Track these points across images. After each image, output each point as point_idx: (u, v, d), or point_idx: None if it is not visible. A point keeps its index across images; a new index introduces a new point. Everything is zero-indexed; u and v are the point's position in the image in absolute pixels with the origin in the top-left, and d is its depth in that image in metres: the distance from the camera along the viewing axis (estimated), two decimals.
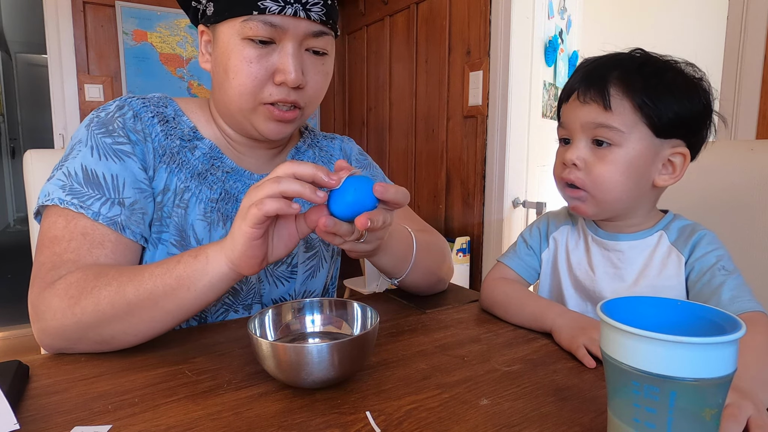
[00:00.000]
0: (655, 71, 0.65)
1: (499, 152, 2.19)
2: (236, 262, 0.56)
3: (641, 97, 0.64)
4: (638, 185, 0.68)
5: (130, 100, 0.75)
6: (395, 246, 0.71)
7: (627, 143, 0.65)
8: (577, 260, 0.77)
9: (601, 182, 0.67)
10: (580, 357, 0.60)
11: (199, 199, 0.74)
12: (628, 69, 0.65)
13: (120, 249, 0.66)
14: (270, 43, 0.67)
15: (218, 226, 0.75)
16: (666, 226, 0.72)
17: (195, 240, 0.73)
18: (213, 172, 0.76)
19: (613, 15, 2.86)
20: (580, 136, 0.68)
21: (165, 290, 0.57)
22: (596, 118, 0.66)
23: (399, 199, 0.56)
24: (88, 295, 0.58)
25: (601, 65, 0.68)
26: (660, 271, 0.70)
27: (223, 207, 0.75)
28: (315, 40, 0.69)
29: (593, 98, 0.66)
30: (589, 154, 0.68)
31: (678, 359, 0.32)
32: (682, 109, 0.64)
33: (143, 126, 0.72)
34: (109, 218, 0.65)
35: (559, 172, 0.72)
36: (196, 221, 0.73)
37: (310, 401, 0.50)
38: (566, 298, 0.78)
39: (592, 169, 0.67)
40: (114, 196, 0.67)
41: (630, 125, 0.65)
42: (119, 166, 0.68)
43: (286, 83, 0.68)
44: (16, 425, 0.43)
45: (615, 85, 0.65)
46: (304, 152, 0.88)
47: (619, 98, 0.65)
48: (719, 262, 0.66)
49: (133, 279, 0.58)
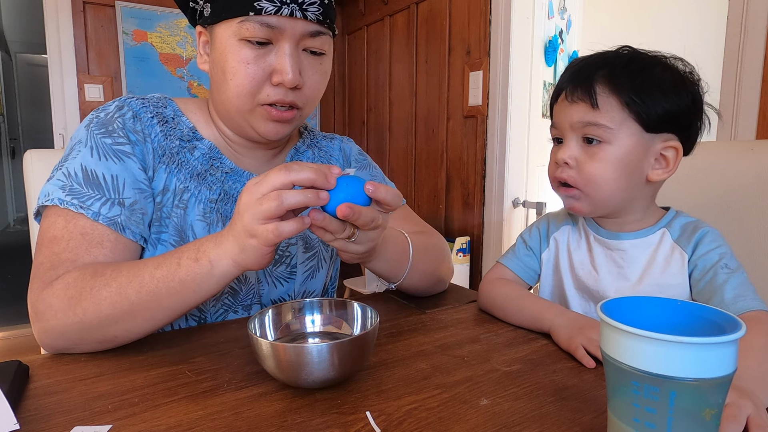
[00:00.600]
0: (641, 68, 0.65)
1: (499, 152, 2.19)
2: (246, 265, 0.57)
3: (628, 94, 0.64)
4: (631, 181, 0.68)
5: (130, 100, 0.75)
6: (390, 251, 0.70)
7: (616, 140, 0.65)
8: (579, 260, 0.77)
9: (593, 180, 0.67)
10: (579, 357, 0.60)
11: (199, 199, 0.74)
12: (614, 67, 0.66)
13: (119, 249, 0.66)
14: (267, 43, 0.67)
15: (217, 226, 0.74)
16: (668, 224, 0.72)
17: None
18: (212, 172, 0.76)
19: (613, 15, 2.86)
20: (570, 135, 0.69)
21: (169, 293, 0.58)
22: (584, 116, 0.66)
23: (389, 199, 0.56)
24: (87, 296, 0.58)
25: (588, 64, 0.68)
26: (664, 269, 0.69)
27: (222, 207, 0.75)
28: (312, 40, 0.69)
29: (580, 97, 0.66)
30: (580, 152, 0.68)
31: (678, 359, 0.32)
32: (670, 104, 0.64)
33: (143, 126, 0.72)
34: (109, 218, 0.65)
35: (553, 172, 0.72)
36: (195, 221, 0.73)
37: (310, 401, 0.50)
38: (569, 298, 0.78)
39: (584, 167, 0.67)
40: (114, 197, 0.67)
41: (618, 122, 0.65)
42: (119, 166, 0.68)
43: (283, 84, 0.68)
44: (16, 425, 0.43)
45: (601, 83, 0.65)
46: (303, 152, 0.88)
47: (606, 96, 0.65)
48: (722, 260, 0.65)
49: (133, 280, 0.58)
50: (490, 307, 0.77)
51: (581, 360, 0.59)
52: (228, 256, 0.57)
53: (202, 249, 0.58)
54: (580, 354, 0.60)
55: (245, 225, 0.54)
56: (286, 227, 0.52)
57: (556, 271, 0.81)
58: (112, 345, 0.61)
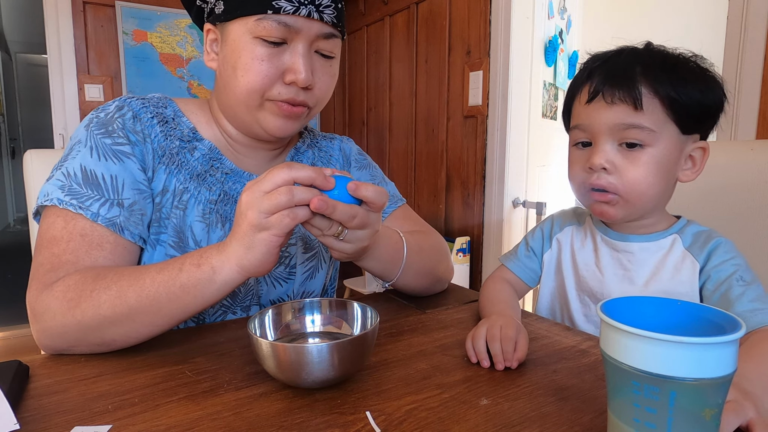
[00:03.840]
0: (674, 65, 0.63)
1: (499, 152, 2.19)
2: (251, 268, 0.56)
3: (670, 94, 0.62)
4: (667, 185, 0.66)
5: (130, 100, 0.74)
6: (383, 250, 0.69)
7: (658, 143, 0.63)
8: (584, 261, 0.76)
9: (636, 185, 0.64)
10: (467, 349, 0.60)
11: (198, 200, 0.73)
12: (649, 65, 0.63)
13: (118, 250, 0.66)
14: (281, 43, 0.67)
15: (216, 227, 0.74)
16: (681, 230, 0.70)
17: (193, 241, 0.73)
18: (212, 173, 0.76)
19: (613, 15, 2.86)
20: (606, 139, 0.65)
21: (169, 298, 0.57)
22: (625, 118, 0.63)
23: (374, 198, 0.56)
24: (87, 299, 0.57)
25: (623, 62, 0.65)
26: (673, 276, 0.68)
27: (222, 208, 0.75)
28: (325, 42, 0.70)
29: (622, 98, 0.63)
30: (619, 156, 0.65)
31: (678, 359, 0.32)
32: (706, 101, 0.63)
33: (143, 127, 0.72)
34: (108, 219, 0.65)
35: (585, 178, 0.68)
36: (194, 222, 0.73)
37: (310, 401, 0.50)
38: (569, 299, 0.77)
39: (625, 172, 0.65)
40: (113, 197, 0.66)
41: (661, 124, 0.63)
42: (118, 166, 0.68)
43: (296, 83, 0.68)
44: (16, 425, 0.43)
45: (644, 83, 0.62)
46: (304, 152, 0.88)
47: (650, 96, 0.62)
48: (737, 272, 0.63)
49: (134, 284, 0.57)
50: (479, 303, 0.77)
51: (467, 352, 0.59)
52: (232, 260, 0.56)
53: (204, 255, 0.58)
54: (467, 346, 0.60)
55: (251, 221, 0.53)
56: (300, 211, 0.53)
57: (557, 272, 0.80)
58: (110, 348, 0.60)
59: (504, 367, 0.56)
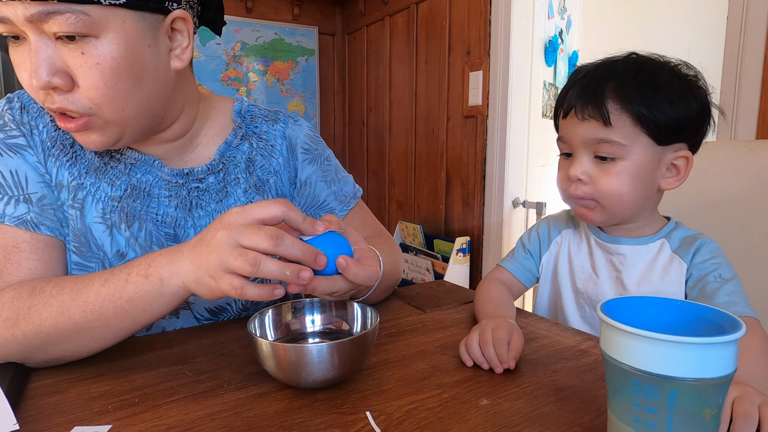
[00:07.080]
0: (650, 78, 0.65)
1: (499, 152, 2.19)
2: (195, 293, 0.52)
3: (639, 109, 0.63)
4: (645, 192, 0.68)
5: (22, 92, 0.67)
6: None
7: (630, 155, 0.65)
8: (580, 264, 0.78)
9: (609, 194, 0.67)
10: (460, 353, 0.59)
11: (96, 197, 0.66)
12: (623, 79, 0.65)
13: (40, 248, 0.61)
14: (19, 37, 0.55)
15: (120, 227, 0.66)
16: (668, 234, 0.72)
17: (95, 246, 0.65)
18: (113, 165, 0.67)
19: (613, 15, 2.86)
20: (582, 151, 0.68)
21: (117, 312, 0.53)
22: (596, 134, 0.66)
23: (364, 282, 0.52)
24: (25, 317, 0.52)
25: (596, 78, 0.67)
26: (662, 278, 0.70)
27: (129, 205, 0.67)
28: (54, 24, 0.51)
29: (592, 114, 0.66)
30: (593, 168, 0.68)
31: (678, 359, 0.32)
32: (680, 114, 0.64)
33: (30, 118, 0.65)
34: (17, 218, 0.60)
35: (566, 187, 0.72)
36: (93, 224, 0.65)
37: (310, 401, 0.50)
38: (564, 302, 0.78)
39: (598, 182, 0.67)
40: (17, 193, 0.61)
41: (631, 138, 0.65)
42: (17, 160, 0.62)
43: (39, 88, 0.54)
44: (16, 425, 0.43)
45: (612, 99, 0.65)
46: (237, 147, 0.76)
47: (618, 113, 0.64)
48: (717, 270, 0.66)
49: (77, 298, 0.52)
50: (474, 306, 0.77)
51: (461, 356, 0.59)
52: (180, 277, 0.51)
53: (153, 264, 0.52)
54: (461, 352, 0.59)
55: (210, 263, 0.48)
56: (251, 291, 0.47)
57: (554, 274, 0.81)
58: (61, 362, 0.56)
59: (503, 369, 0.56)
